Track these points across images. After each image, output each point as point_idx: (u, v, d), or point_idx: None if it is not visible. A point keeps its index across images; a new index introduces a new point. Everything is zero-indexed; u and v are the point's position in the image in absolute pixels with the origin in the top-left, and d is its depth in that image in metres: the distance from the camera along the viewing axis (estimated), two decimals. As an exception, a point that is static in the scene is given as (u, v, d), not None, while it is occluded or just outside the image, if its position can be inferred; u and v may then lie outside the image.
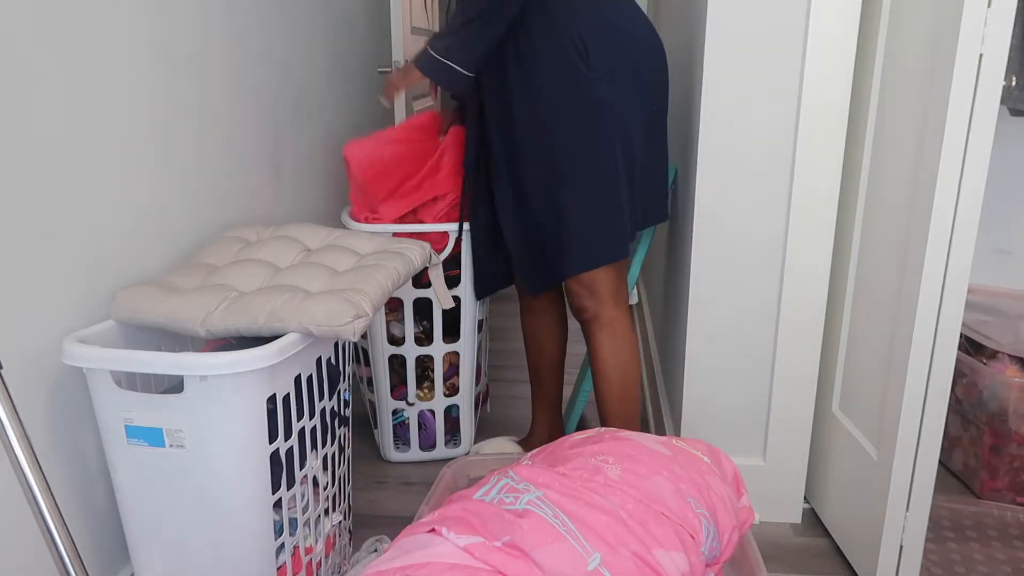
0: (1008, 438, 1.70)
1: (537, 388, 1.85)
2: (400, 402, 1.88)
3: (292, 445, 1.15)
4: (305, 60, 2.05)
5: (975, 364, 1.76)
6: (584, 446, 1.16)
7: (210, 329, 1.11)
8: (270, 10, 1.81)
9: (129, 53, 1.26)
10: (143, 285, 1.19)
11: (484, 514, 1.00)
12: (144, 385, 1.17)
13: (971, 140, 1.17)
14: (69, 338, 1.06)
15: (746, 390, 1.62)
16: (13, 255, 1.03)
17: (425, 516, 1.05)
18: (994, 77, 1.14)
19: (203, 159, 1.50)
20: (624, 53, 1.44)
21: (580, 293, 1.57)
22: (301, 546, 1.22)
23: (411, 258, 1.36)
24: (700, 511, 1.06)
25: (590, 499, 1.01)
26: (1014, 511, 1.70)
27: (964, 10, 1.12)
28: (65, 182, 1.12)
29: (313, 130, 2.11)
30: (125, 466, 1.08)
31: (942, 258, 1.22)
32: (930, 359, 1.27)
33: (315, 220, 2.14)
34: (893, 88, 1.37)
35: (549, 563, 0.92)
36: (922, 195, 1.24)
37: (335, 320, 1.10)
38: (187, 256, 1.43)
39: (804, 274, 1.53)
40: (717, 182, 1.51)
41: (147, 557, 1.13)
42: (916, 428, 1.30)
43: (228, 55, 1.60)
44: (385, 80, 1.66)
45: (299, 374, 1.16)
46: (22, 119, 1.04)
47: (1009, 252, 2.09)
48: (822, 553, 1.55)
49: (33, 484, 0.79)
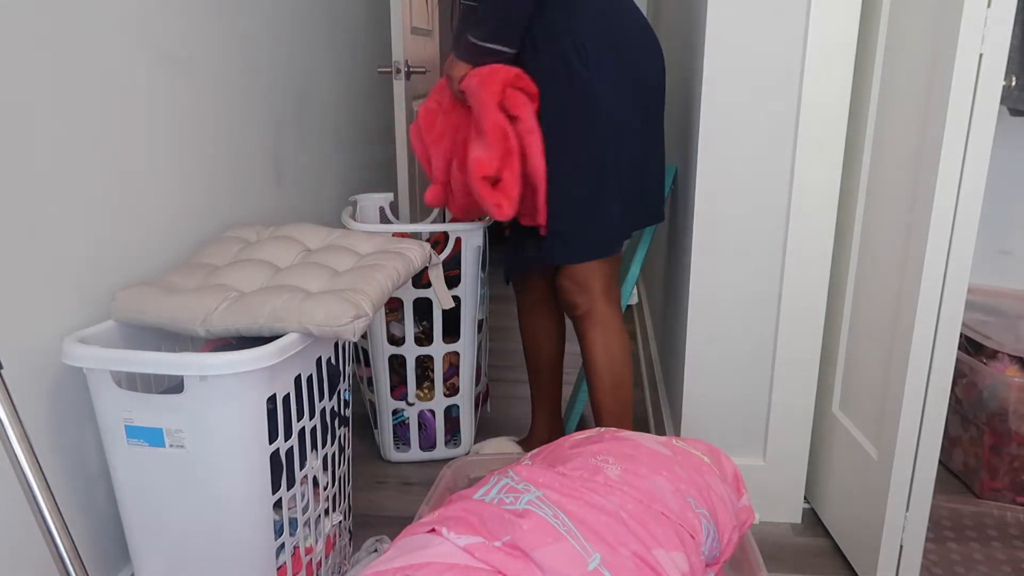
0: (1008, 438, 1.70)
1: (536, 388, 1.85)
2: (400, 402, 1.88)
3: (292, 445, 1.15)
4: (305, 60, 2.05)
5: (975, 364, 1.76)
6: (584, 446, 1.16)
7: (210, 329, 1.11)
8: (270, 10, 1.81)
9: (129, 53, 1.26)
10: (143, 285, 1.19)
11: (484, 514, 1.00)
12: (144, 385, 1.17)
13: (971, 140, 1.17)
14: (69, 338, 1.06)
15: (746, 390, 1.62)
16: (13, 255, 1.03)
17: (425, 516, 1.05)
18: (994, 77, 1.14)
19: (203, 159, 1.50)
20: (621, 53, 1.45)
21: (571, 289, 1.57)
22: (301, 546, 1.22)
23: (411, 258, 1.36)
24: (700, 511, 1.06)
25: (590, 499, 1.01)
26: (1014, 511, 1.70)
27: (964, 10, 1.12)
28: (65, 182, 1.12)
29: (313, 130, 2.11)
30: (125, 466, 1.08)
31: (942, 258, 1.22)
32: (930, 359, 1.27)
33: (315, 220, 2.14)
34: (893, 88, 1.37)
35: (549, 563, 0.92)
36: (922, 195, 1.24)
37: (335, 320, 1.10)
38: (187, 256, 1.43)
39: (804, 274, 1.53)
40: (717, 182, 1.51)
41: (147, 557, 1.13)
42: (916, 428, 1.30)
43: (228, 55, 1.60)
44: (449, 83, 1.60)
45: (299, 374, 1.16)
46: (22, 119, 1.04)
47: (1009, 252, 2.09)
48: (822, 553, 1.55)
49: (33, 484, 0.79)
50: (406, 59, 2.41)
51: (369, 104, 2.67)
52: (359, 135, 2.57)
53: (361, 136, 2.59)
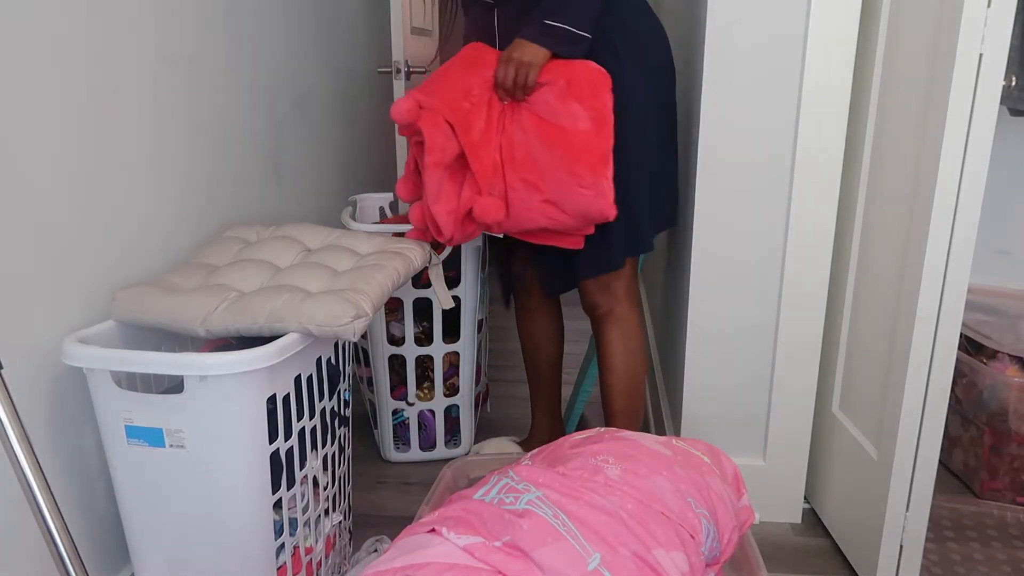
0: (1008, 438, 1.70)
1: (536, 388, 1.85)
2: (400, 402, 1.88)
3: (292, 445, 1.15)
4: (305, 60, 2.05)
5: (975, 364, 1.76)
6: (584, 446, 1.16)
7: (210, 329, 1.11)
8: (270, 10, 1.81)
9: (129, 53, 1.26)
10: (143, 285, 1.19)
11: (484, 514, 1.00)
12: (144, 385, 1.17)
13: (971, 140, 1.16)
14: (69, 338, 1.06)
15: (746, 390, 1.62)
16: (13, 255, 1.03)
17: (425, 516, 1.05)
18: (994, 77, 1.14)
19: (203, 159, 1.50)
20: (645, 49, 1.45)
21: (594, 290, 1.56)
22: (301, 546, 1.22)
23: (411, 258, 1.36)
24: (700, 511, 1.06)
25: (590, 499, 1.01)
26: (1014, 511, 1.70)
27: (964, 10, 1.12)
28: (65, 182, 1.12)
29: (313, 130, 2.11)
30: (125, 466, 1.08)
31: (942, 258, 1.22)
32: (930, 359, 1.27)
33: (315, 220, 2.14)
34: (893, 88, 1.37)
35: (549, 563, 0.92)
36: (922, 195, 1.24)
37: (335, 320, 1.10)
38: (187, 256, 1.43)
39: (804, 274, 1.53)
40: (717, 183, 1.51)
41: (147, 557, 1.13)
42: (916, 428, 1.30)
43: (228, 56, 1.60)
44: (516, 70, 1.36)
45: (299, 374, 1.16)
46: (23, 119, 1.04)
47: (1009, 252, 2.09)
48: (822, 553, 1.55)
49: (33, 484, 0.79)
50: (406, 59, 2.41)
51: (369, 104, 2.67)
52: (359, 135, 2.57)
53: (361, 136, 2.59)
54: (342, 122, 2.37)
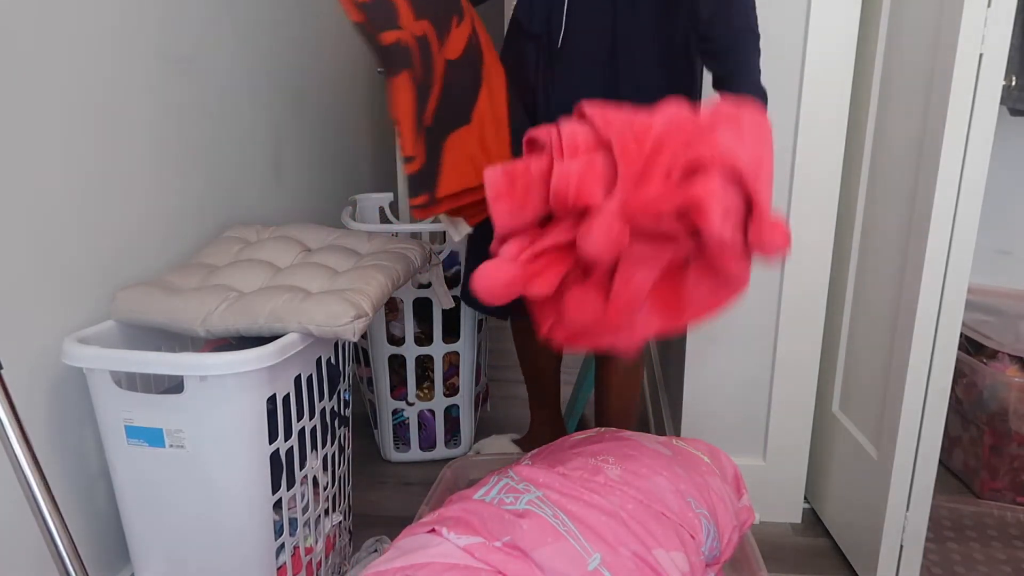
0: (1008, 438, 1.70)
1: (535, 390, 1.85)
2: (400, 402, 1.88)
3: (292, 445, 1.15)
4: (305, 60, 2.05)
5: (975, 364, 1.76)
6: (584, 446, 1.16)
7: (210, 329, 1.11)
8: (270, 10, 1.81)
9: (129, 53, 1.26)
10: (143, 285, 1.19)
11: (484, 514, 1.00)
12: (144, 385, 1.17)
13: (971, 140, 1.17)
14: (69, 338, 1.06)
15: (746, 390, 1.62)
16: (13, 255, 1.03)
17: (425, 516, 1.05)
18: (994, 77, 1.14)
19: (203, 159, 1.50)
20: None
21: None
22: (301, 546, 1.22)
23: (411, 258, 1.36)
24: (700, 511, 1.06)
25: (590, 499, 1.01)
26: (1014, 511, 1.70)
27: (964, 10, 1.12)
28: (65, 182, 1.12)
29: (313, 130, 2.11)
30: (125, 466, 1.08)
31: (942, 258, 1.22)
32: (930, 359, 1.27)
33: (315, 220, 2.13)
34: (893, 88, 1.37)
35: (549, 563, 0.92)
36: (922, 195, 1.24)
37: (335, 320, 1.10)
38: (187, 256, 1.42)
39: (804, 274, 1.53)
40: (717, 182, 1.51)
41: (147, 557, 1.13)
42: (916, 428, 1.30)
43: (228, 55, 1.60)
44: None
45: (299, 374, 1.16)
46: (23, 119, 1.04)
47: (1009, 252, 2.09)
48: (822, 553, 1.55)
49: (33, 484, 0.79)
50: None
51: (369, 104, 2.67)
52: (359, 135, 2.57)
53: (361, 136, 2.59)
54: (342, 122, 2.37)
